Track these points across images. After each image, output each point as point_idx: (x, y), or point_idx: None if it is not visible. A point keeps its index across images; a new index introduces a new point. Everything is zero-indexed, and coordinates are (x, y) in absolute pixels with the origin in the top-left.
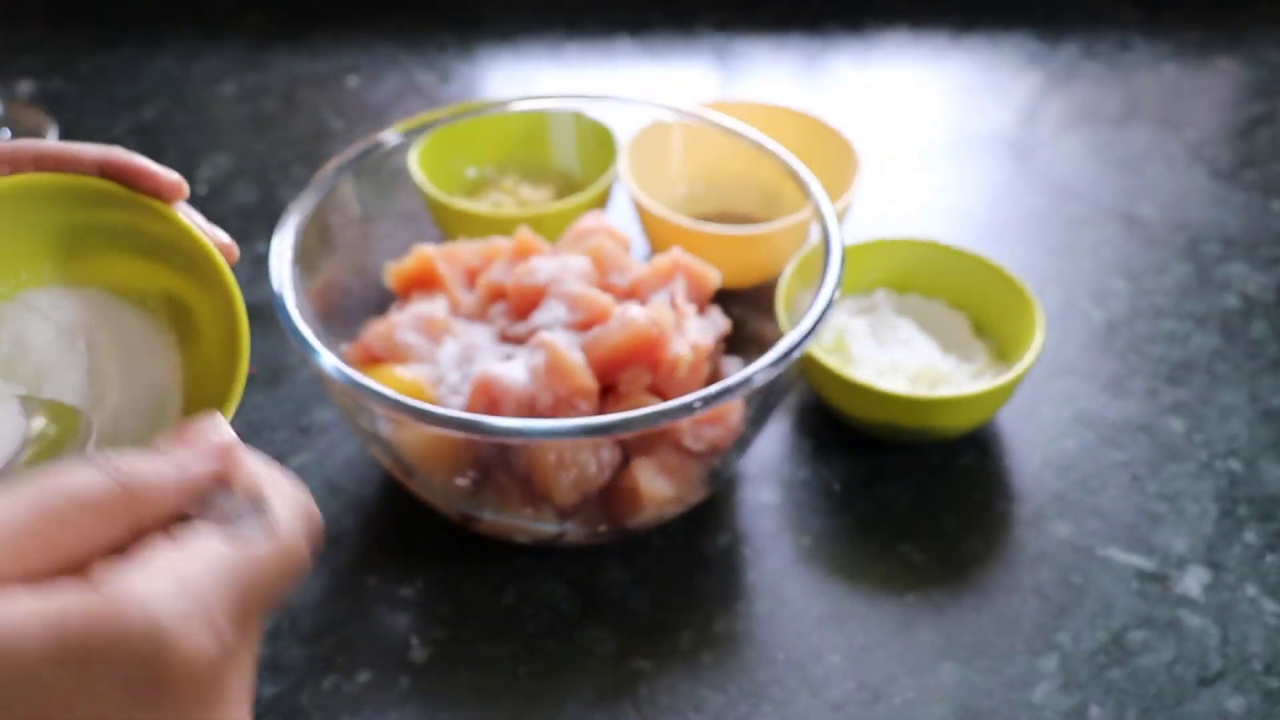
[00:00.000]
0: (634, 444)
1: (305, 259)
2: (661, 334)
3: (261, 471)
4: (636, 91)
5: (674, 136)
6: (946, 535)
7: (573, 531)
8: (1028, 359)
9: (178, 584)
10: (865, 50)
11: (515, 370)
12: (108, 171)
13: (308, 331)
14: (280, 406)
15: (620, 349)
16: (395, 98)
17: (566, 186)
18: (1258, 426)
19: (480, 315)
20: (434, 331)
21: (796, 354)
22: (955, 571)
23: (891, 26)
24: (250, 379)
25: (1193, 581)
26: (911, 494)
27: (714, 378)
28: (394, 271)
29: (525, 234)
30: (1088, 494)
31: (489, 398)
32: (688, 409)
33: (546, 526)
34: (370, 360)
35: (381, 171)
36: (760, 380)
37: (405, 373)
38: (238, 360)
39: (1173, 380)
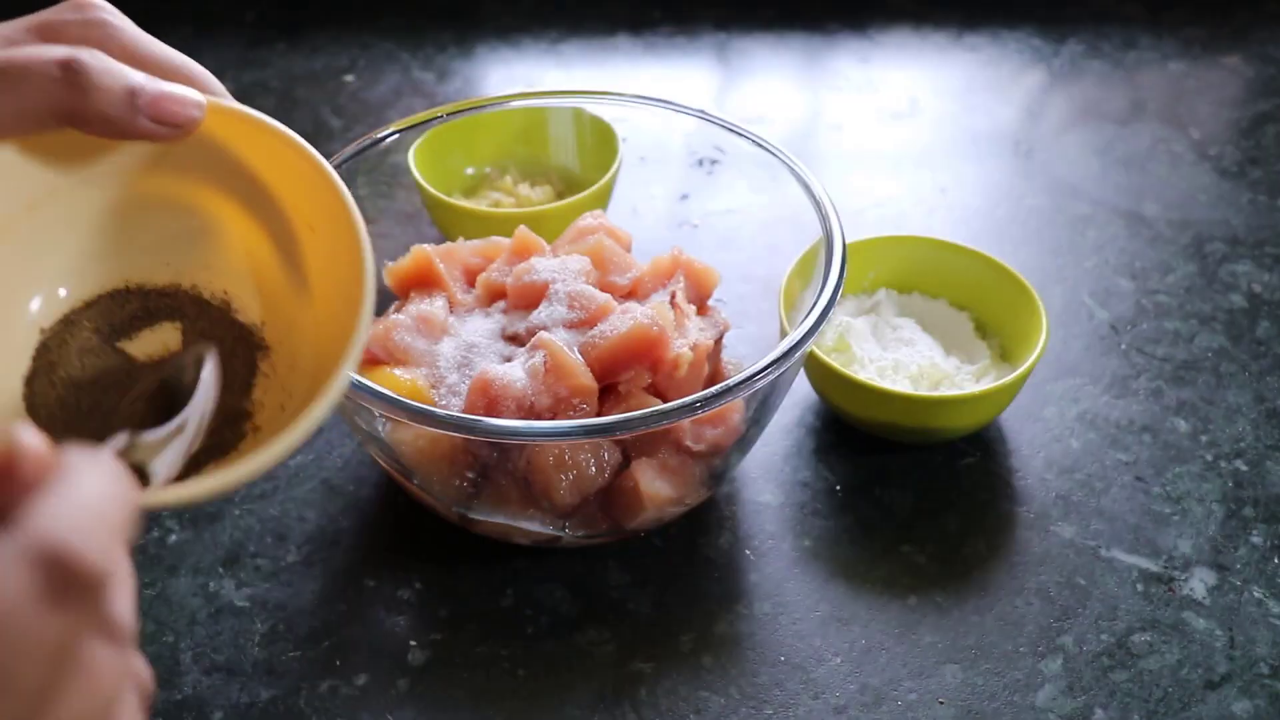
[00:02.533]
0: (634, 444)
1: None
2: (661, 333)
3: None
4: (637, 89)
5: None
6: (949, 537)
7: (572, 533)
8: (1031, 359)
9: None
10: (868, 48)
11: (514, 371)
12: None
13: None
14: None
15: (620, 348)
16: (393, 95)
17: (566, 184)
18: (1264, 426)
19: (479, 315)
20: (433, 331)
21: (798, 354)
22: (958, 573)
23: (894, 24)
24: None
25: (1198, 583)
26: (914, 495)
27: (714, 378)
28: (392, 271)
29: (524, 233)
30: (1092, 495)
31: (488, 398)
32: (688, 409)
33: (546, 528)
34: (369, 361)
35: (379, 170)
36: (761, 380)
37: (403, 374)
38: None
39: (1177, 380)
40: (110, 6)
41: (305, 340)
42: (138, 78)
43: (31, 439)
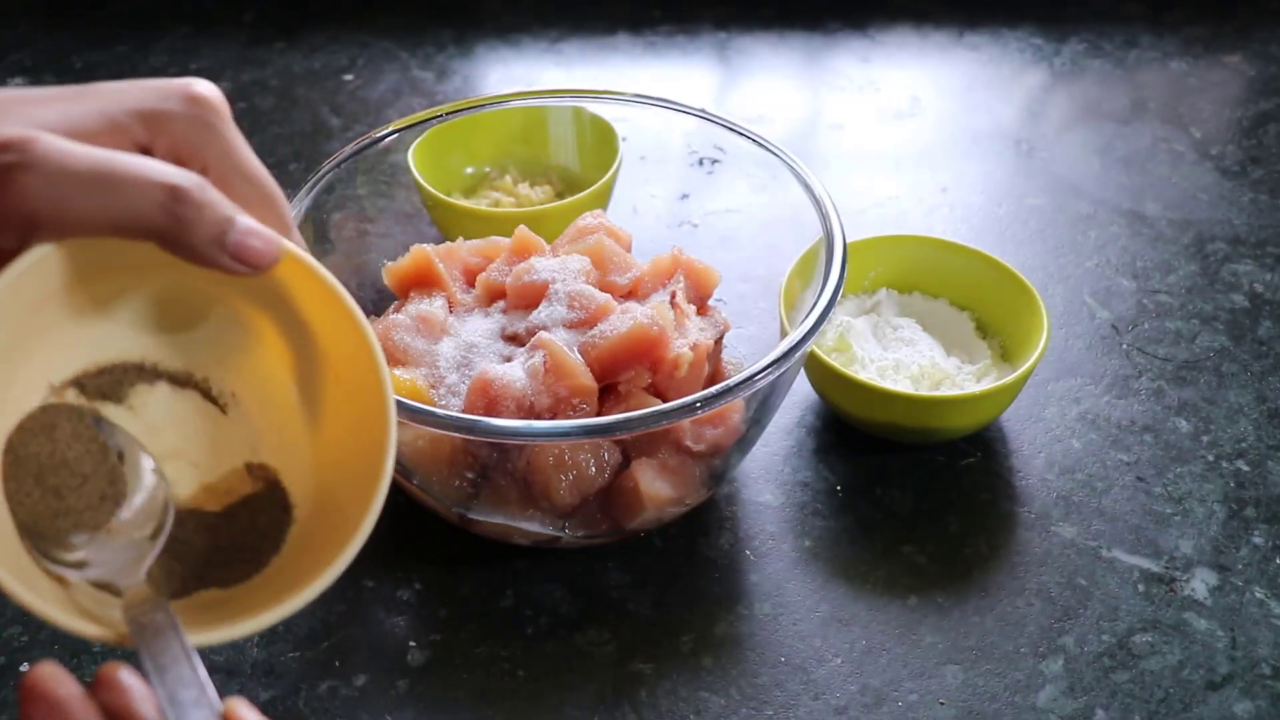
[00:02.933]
0: (634, 444)
1: None
2: (661, 333)
3: None
4: (637, 88)
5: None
6: (950, 537)
7: (572, 533)
8: (1032, 359)
9: None
10: (868, 47)
11: (514, 371)
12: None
13: None
14: None
15: (620, 348)
16: (393, 95)
17: (566, 184)
18: (1265, 427)
19: (479, 315)
20: (432, 331)
21: (798, 354)
22: (959, 574)
23: (895, 24)
24: None
25: (1200, 584)
26: (914, 495)
27: (714, 378)
28: (392, 270)
29: (524, 232)
30: (1093, 495)
31: (488, 398)
32: (689, 409)
33: (546, 528)
34: None
35: (379, 169)
36: (761, 380)
37: (403, 374)
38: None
39: (1179, 380)
40: (221, 106)
41: (300, 472)
42: (229, 212)
43: None
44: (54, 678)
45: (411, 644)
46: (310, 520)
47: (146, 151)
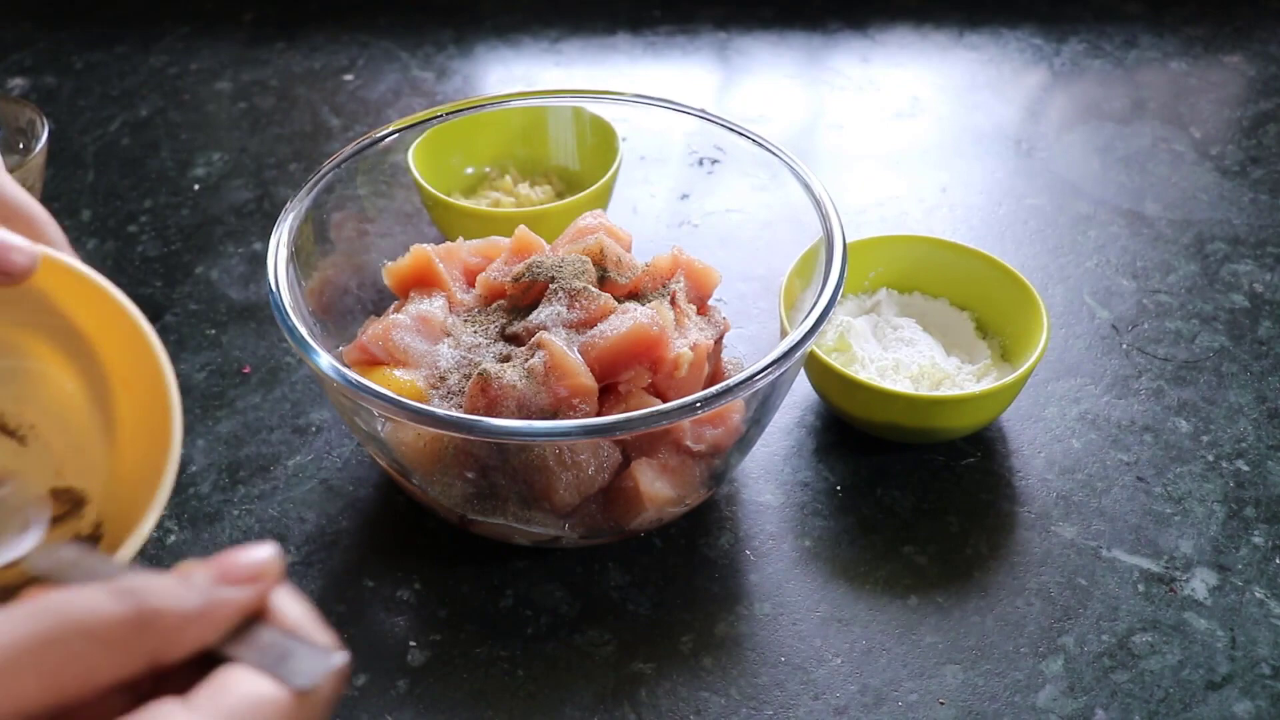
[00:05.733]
0: (634, 444)
1: (302, 258)
2: (661, 333)
3: (292, 609)
4: (637, 88)
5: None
6: (950, 537)
7: (572, 533)
8: (1032, 359)
9: None
10: (868, 47)
11: (514, 371)
12: None
13: (304, 331)
14: (277, 407)
15: (620, 348)
16: (393, 95)
17: (566, 184)
18: (1265, 426)
19: (479, 314)
20: (432, 331)
21: (798, 354)
22: (959, 574)
23: (895, 23)
24: (246, 379)
25: (1199, 584)
26: (914, 496)
27: (714, 378)
28: (392, 271)
29: (524, 232)
30: (1093, 495)
31: (488, 398)
32: (689, 409)
33: (546, 528)
34: (368, 362)
35: (379, 169)
36: (761, 380)
37: (403, 374)
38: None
39: (1179, 380)
40: None
41: (106, 485)
42: None
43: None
44: None
45: (411, 644)
46: (119, 529)
47: None
